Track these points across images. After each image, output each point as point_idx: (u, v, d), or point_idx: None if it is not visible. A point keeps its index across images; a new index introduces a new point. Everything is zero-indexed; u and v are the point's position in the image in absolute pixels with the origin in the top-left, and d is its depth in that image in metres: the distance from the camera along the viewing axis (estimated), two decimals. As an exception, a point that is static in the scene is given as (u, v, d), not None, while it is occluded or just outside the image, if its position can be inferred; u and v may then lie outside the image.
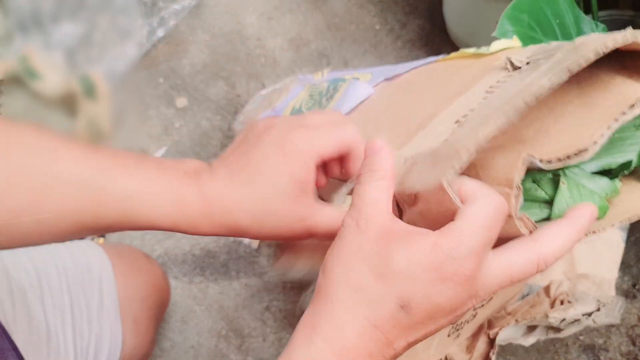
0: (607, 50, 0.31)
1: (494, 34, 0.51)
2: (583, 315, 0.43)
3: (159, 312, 0.71)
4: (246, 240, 0.87)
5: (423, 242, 0.29)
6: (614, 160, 0.35)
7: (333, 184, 0.42)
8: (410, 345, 0.31)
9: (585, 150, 0.32)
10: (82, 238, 0.36)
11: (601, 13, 0.75)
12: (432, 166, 0.33)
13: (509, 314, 0.43)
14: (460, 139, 0.33)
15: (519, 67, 0.40)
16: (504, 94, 0.37)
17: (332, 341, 0.29)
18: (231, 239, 0.87)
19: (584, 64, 0.31)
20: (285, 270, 0.43)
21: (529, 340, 0.45)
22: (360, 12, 1.00)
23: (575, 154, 0.32)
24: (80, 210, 0.34)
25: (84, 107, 0.88)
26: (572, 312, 0.42)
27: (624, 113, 0.32)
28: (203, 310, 0.86)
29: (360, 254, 0.29)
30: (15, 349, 0.40)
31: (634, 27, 0.34)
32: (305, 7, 1.00)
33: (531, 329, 0.45)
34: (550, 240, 0.30)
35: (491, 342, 0.44)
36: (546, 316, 0.42)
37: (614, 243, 0.48)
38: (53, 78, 0.86)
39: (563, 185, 0.34)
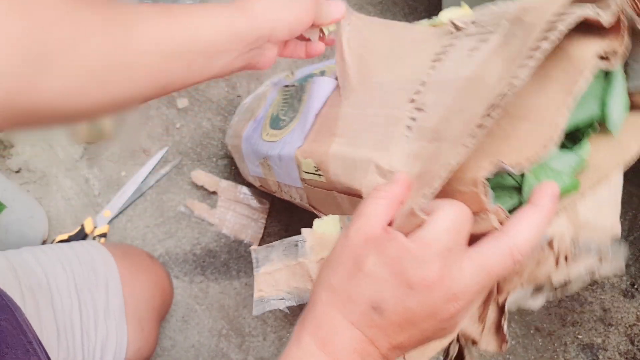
0: (560, 36, 0.30)
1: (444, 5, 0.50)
2: (587, 272, 0.43)
3: (163, 312, 0.71)
4: (247, 240, 0.87)
5: (393, 247, 0.30)
6: (579, 118, 0.34)
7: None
8: (397, 347, 0.32)
9: (552, 141, 0.31)
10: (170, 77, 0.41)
11: None
12: (414, 193, 0.34)
13: (516, 274, 0.42)
14: (432, 159, 0.33)
15: (462, 28, 0.39)
16: (454, 68, 0.36)
17: (316, 336, 0.32)
18: (232, 238, 0.88)
19: (541, 57, 0.30)
20: (263, 304, 0.44)
21: (538, 302, 0.44)
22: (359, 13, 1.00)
23: (543, 149, 0.31)
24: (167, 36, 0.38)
25: (85, 108, 0.88)
26: (576, 270, 0.42)
27: (578, 83, 0.31)
28: (204, 309, 0.87)
29: (342, 259, 0.32)
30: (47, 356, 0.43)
31: (628, 25, 0.33)
32: (305, 8, 1.00)
33: (538, 290, 0.44)
34: (520, 229, 0.31)
35: (501, 308, 0.44)
36: (550, 280, 0.42)
37: (612, 182, 0.47)
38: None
39: (528, 172, 0.34)
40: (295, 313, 0.86)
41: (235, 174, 0.91)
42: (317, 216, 0.58)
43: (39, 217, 0.87)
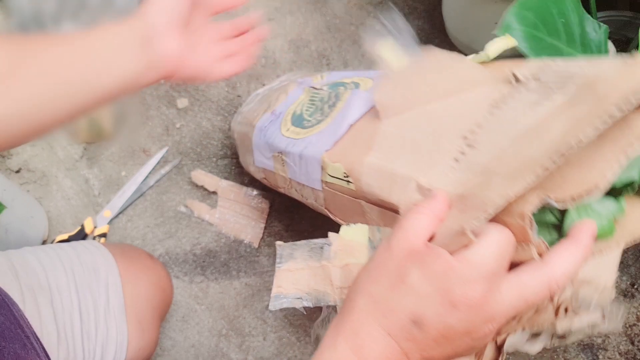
0: (632, 108, 0.32)
1: (495, 32, 0.51)
2: (589, 326, 0.44)
3: (163, 312, 0.71)
4: (247, 240, 0.87)
5: (438, 264, 0.31)
6: (621, 178, 0.36)
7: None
8: None
9: (597, 188, 0.32)
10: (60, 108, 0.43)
11: (600, 14, 0.75)
12: (456, 211, 0.35)
13: (515, 319, 0.43)
14: (482, 184, 0.34)
15: (523, 82, 0.41)
16: (514, 117, 0.38)
17: (352, 342, 0.32)
18: (232, 238, 0.88)
19: (609, 122, 0.32)
20: (280, 300, 0.44)
21: (535, 347, 0.46)
22: (360, 13, 1.00)
23: (587, 192, 0.32)
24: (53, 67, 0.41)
25: (85, 108, 0.88)
26: (578, 323, 0.43)
27: (632, 146, 0.33)
28: (204, 309, 0.86)
29: (384, 269, 0.33)
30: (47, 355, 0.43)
31: (632, 28, 0.34)
32: (305, 8, 1.00)
33: (535, 335, 0.46)
34: (559, 261, 0.32)
35: (499, 348, 0.45)
36: (553, 326, 0.43)
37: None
38: (54, 78, 0.86)
39: (571, 208, 0.35)
40: (296, 314, 0.86)
41: (235, 174, 0.91)
42: (326, 218, 0.58)
43: (39, 217, 0.87)
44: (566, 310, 0.44)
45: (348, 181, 0.49)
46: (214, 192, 0.89)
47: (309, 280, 0.44)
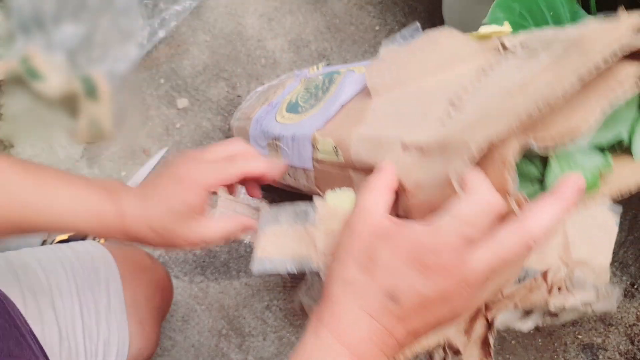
0: (616, 59, 0.32)
1: (484, 21, 0.52)
2: (582, 304, 0.44)
3: (163, 312, 0.71)
4: (247, 240, 0.87)
5: (404, 237, 0.31)
6: (605, 137, 0.36)
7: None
8: (413, 334, 0.33)
9: (579, 132, 0.32)
10: (7, 236, 0.44)
11: (599, 14, 0.75)
12: (440, 157, 0.34)
13: (506, 297, 0.43)
14: (465, 129, 0.34)
15: (510, 50, 0.41)
16: (500, 80, 0.38)
17: (334, 330, 0.32)
18: (232, 238, 0.88)
19: (594, 71, 0.32)
20: (264, 264, 0.44)
21: (527, 325, 0.45)
22: (360, 13, 1.00)
23: (570, 136, 0.32)
24: (11, 211, 0.41)
25: (85, 108, 0.88)
26: (572, 300, 0.43)
27: (615, 91, 0.32)
28: (204, 309, 0.86)
29: (351, 252, 0.33)
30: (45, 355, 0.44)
31: None
32: (305, 8, 1.00)
33: (527, 313, 0.45)
34: (538, 215, 0.30)
35: (489, 324, 0.45)
36: (546, 303, 0.43)
37: (608, 227, 0.48)
38: (54, 79, 0.87)
39: (552, 160, 0.35)
40: (296, 313, 0.86)
41: (235, 174, 0.91)
42: None
43: (39, 217, 0.87)
44: (559, 289, 0.44)
45: (337, 154, 0.49)
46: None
47: (293, 244, 0.44)
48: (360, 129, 0.46)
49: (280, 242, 0.44)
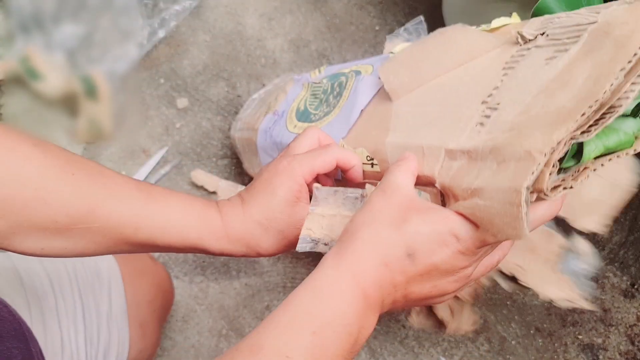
0: None
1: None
2: (566, 299, 0.44)
3: (164, 314, 0.71)
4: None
5: (438, 215, 0.35)
6: (635, 103, 0.37)
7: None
8: (406, 297, 0.37)
9: (620, 110, 0.33)
10: (121, 252, 0.44)
11: None
12: (497, 165, 0.35)
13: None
14: (518, 134, 0.35)
15: (530, 39, 0.42)
16: (531, 75, 0.39)
17: (353, 267, 0.36)
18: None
19: (634, 60, 0.33)
20: (307, 242, 0.45)
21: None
22: (360, 13, 1.00)
23: (610, 113, 0.33)
24: (124, 225, 0.42)
25: (85, 108, 0.88)
26: (555, 293, 0.43)
27: None
28: (204, 309, 0.86)
29: (385, 212, 0.36)
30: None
31: None
32: (305, 8, 1.00)
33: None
34: (535, 215, 0.35)
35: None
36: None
37: (623, 186, 0.49)
38: (54, 78, 0.87)
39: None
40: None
41: (235, 174, 0.91)
42: None
43: (39, 217, 0.87)
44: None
45: (372, 164, 0.48)
46: (214, 192, 0.89)
47: (336, 228, 0.44)
48: (392, 137, 0.46)
49: (327, 223, 0.45)
